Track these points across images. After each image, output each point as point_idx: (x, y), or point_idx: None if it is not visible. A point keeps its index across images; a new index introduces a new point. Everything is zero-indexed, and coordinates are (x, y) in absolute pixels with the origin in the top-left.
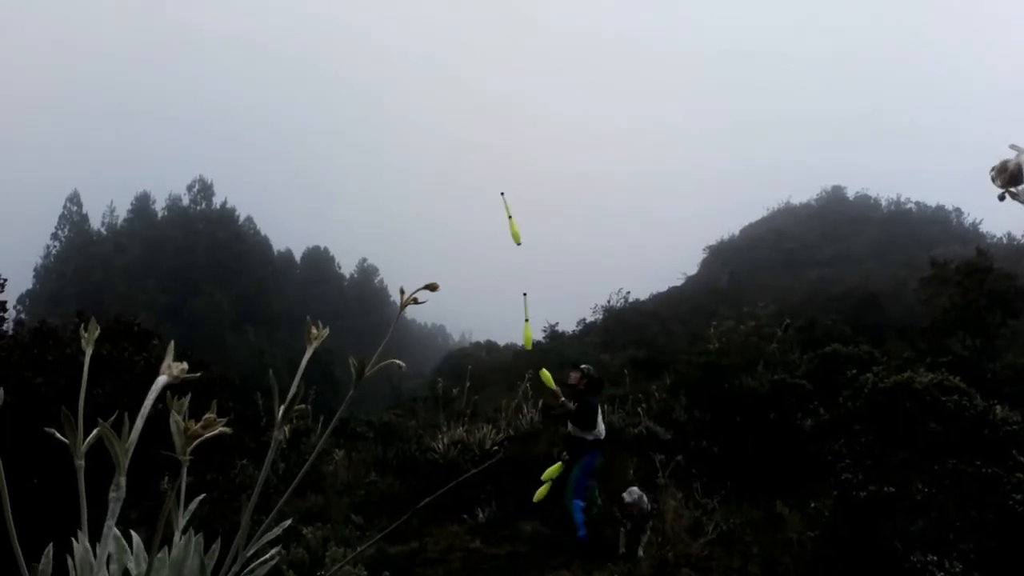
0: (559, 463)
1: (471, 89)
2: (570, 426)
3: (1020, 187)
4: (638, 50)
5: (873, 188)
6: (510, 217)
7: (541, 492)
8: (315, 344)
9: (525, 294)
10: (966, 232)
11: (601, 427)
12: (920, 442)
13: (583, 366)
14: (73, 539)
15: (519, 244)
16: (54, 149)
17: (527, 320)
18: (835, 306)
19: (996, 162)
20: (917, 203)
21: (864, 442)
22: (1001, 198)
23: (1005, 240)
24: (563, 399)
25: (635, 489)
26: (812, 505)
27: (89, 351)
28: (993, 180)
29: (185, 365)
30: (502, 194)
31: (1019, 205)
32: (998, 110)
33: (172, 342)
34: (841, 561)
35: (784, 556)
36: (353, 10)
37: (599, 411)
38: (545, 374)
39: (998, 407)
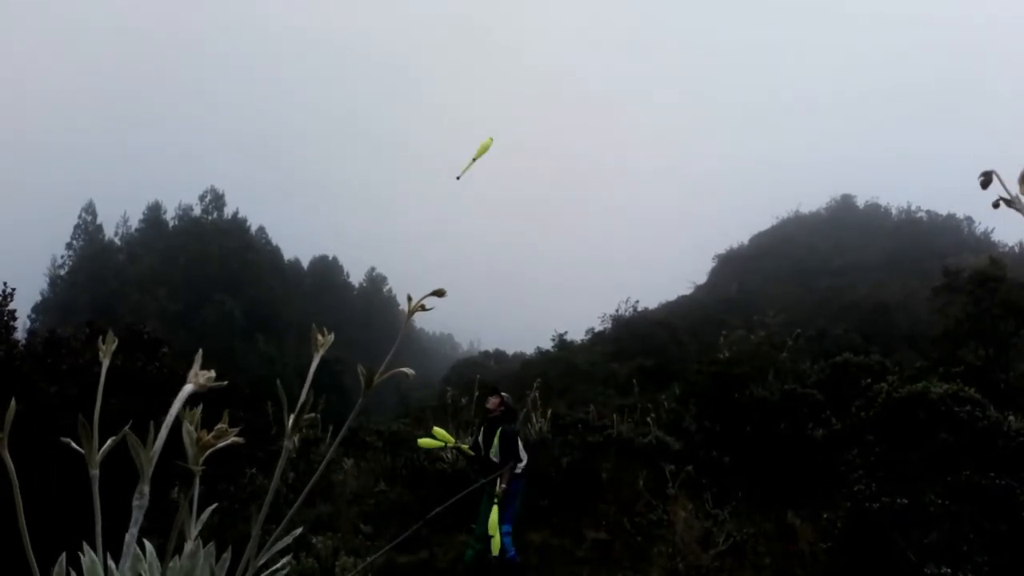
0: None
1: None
2: (492, 454)
3: (1018, 195)
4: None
5: (883, 196)
6: (474, 160)
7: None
8: (321, 351)
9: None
10: (978, 241)
11: (523, 456)
12: (933, 453)
13: (503, 393)
14: (88, 548)
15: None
16: (68, 159)
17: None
18: (846, 316)
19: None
20: (928, 212)
21: (877, 452)
22: (995, 205)
23: (1018, 249)
24: (460, 445)
25: None
26: (824, 516)
27: (106, 363)
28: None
29: (212, 374)
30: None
31: (1017, 213)
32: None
33: (200, 351)
34: (854, 573)
35: (796, 568)
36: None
37: (518, 440)
38: (438, 431)
39: (1011, 418)
